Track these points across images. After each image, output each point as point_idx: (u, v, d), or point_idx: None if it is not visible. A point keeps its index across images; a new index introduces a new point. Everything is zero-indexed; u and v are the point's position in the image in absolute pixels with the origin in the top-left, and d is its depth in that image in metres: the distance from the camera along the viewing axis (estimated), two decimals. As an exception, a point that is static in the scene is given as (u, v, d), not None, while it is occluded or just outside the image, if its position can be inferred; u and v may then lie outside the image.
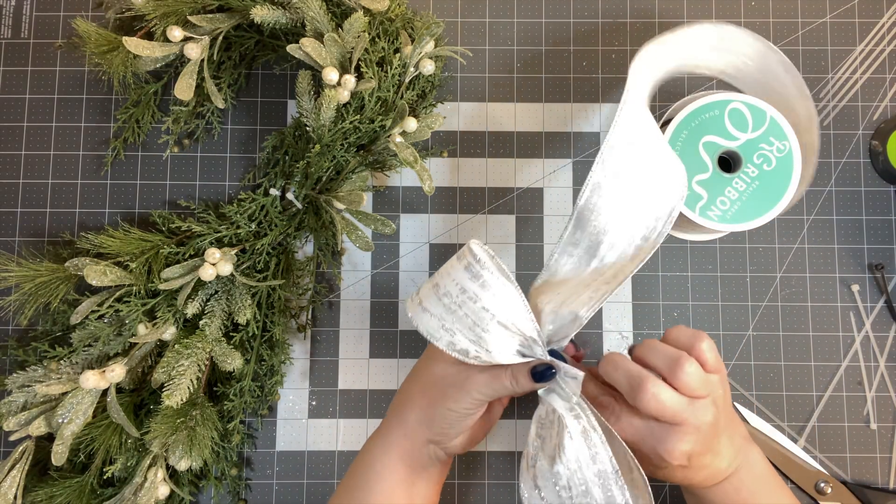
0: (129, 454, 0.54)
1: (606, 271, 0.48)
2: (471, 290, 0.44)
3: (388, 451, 0.48)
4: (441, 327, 0.45)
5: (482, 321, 0.44)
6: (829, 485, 0.58)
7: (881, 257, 0.62)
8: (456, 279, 0.45)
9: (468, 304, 0.44)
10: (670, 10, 0.65)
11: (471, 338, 0.44)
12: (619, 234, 0.49)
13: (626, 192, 0.49)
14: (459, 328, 0.45)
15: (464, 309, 0.44)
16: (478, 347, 0.44)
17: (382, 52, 0.56)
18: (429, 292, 0.46)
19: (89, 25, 0.56)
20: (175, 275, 0.55)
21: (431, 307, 0.46)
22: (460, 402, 0.46)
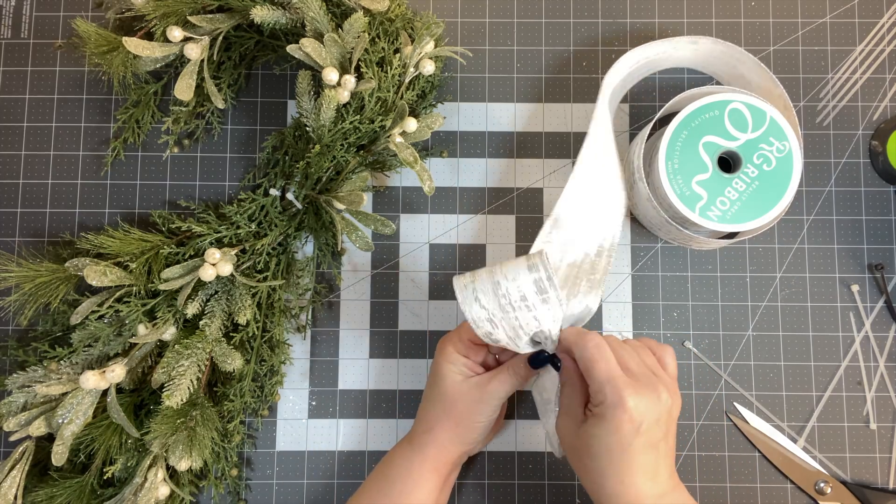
0: (129, 454, 0.54)
1: (581, 265, 0.56)
2: (531, 301, 0.48)
3: (423, 462, 0.51)
4: (488, 320, 0.48)
5: (528, 327, 0.48)
6: (828, 485, 0.59)
7: (881, 257, 0.62)
8: (521, 287, 0.48)
9: (523, 311, 0.48)
10: (670, 10, 0.65)
11: (510, 335, 0.49)
12: (584, 237, 0.57)
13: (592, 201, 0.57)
14: (505, 327, 0.48)
15: (517, 313, 0.48)
16: (509, 342, 0.49)
17: (382, 53, 0.56)
18: (487, 287, 0.49)
19: (89, 25, 0.56)
20: (175, 275, 0.55)
21: (486, 301, 0.49)
22: (485, 413, 0.51)
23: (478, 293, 0.49)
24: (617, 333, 0.61)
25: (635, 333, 0.61)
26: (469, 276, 0.50)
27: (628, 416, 0.43)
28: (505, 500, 0.60)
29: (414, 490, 0.51)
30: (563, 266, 0.55)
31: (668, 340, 0.61)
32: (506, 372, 0.50)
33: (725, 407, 0.60)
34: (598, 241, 0.57)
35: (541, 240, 0.55)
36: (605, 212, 0.58)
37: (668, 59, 0.62)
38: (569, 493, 0.60)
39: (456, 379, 0.51)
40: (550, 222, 0.56)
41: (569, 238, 0.56)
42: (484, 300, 0.48)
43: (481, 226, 0.63)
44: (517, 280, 0.48)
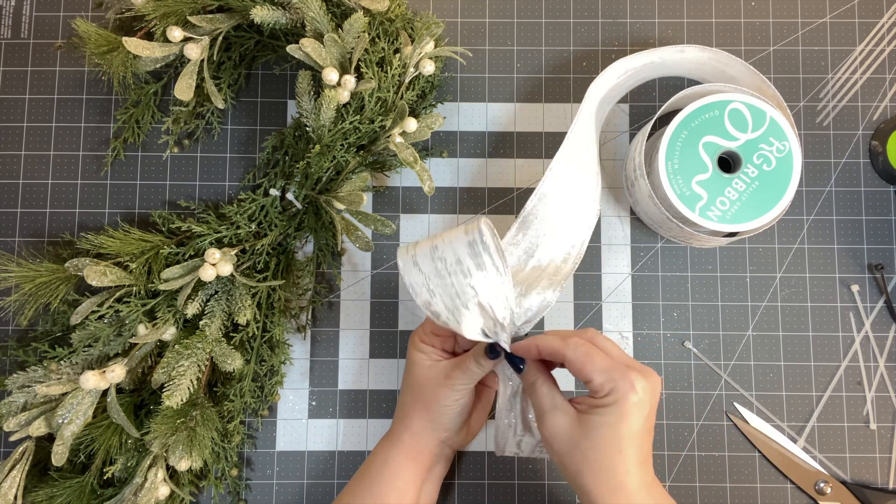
0: (129, 454, 0.54)
1: (546, 268, 0.55)
2: (466, 265, 0.48)
3: (400, 452, 0.52)
4: (425, 286, 0.49)
5: (464, 296, 0.48)
6: (828, 485, 0.59)
7: (881, 257, 0.62)
8: (456, 250, 0.48)
9: (458, 276, 0.48)
10: (670, 10, 0.65)
11: (448, 305, 0.48)
12: (552, 242, 0.56)
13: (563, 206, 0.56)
14: (441, 294, 0.48)
15: (452, 278, 0.48)
16: (450, 315, 0.48)
17: (382, 53, 0.56)
18: (425, 251, 0.49)
19: (89, 26, 0.56)
20: (175, 275, 0.55)
21: (423, 265, 0.49)
22: (450, 397, 0.51)
23: (417, 257, 0.49)
24: (617, 334, 0.61)
25: (635, 333, 0.61)
26: (412, 243, 0.51)
27: (638, 399, 0.44)
28: (505, 499, 0.60)
29: (392, 479, 0.51)
30: (527, 268, 0.55)
31: (668, 340, 0.61)
32: (468, 360, 0.51)
33: (725, 407, 0.60)
34: (565, 249, 0.56)
35: (506, 241, 0.55)
36: (575, 220, 0.57)
37: (655, 70, 0.61)
38: (569, 494, 0.60)
39: (424, 364, 0.53)
40: (517, 224, 0.55)
41: (535, 242, 0.55)
42: (422, 264, 0.49)
43: (481, 226, 0.63)
44: (453, 243, 0.49)
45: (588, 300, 0.62)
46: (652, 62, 0.60)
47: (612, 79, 0.59)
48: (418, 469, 0.52)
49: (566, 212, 0.56)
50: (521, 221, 0.55)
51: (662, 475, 0.60)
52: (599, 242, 0.62)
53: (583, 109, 0.58)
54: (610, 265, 0.62)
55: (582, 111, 0.58)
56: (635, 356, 0.61)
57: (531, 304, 0.53)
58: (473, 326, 0.48)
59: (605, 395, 0.45)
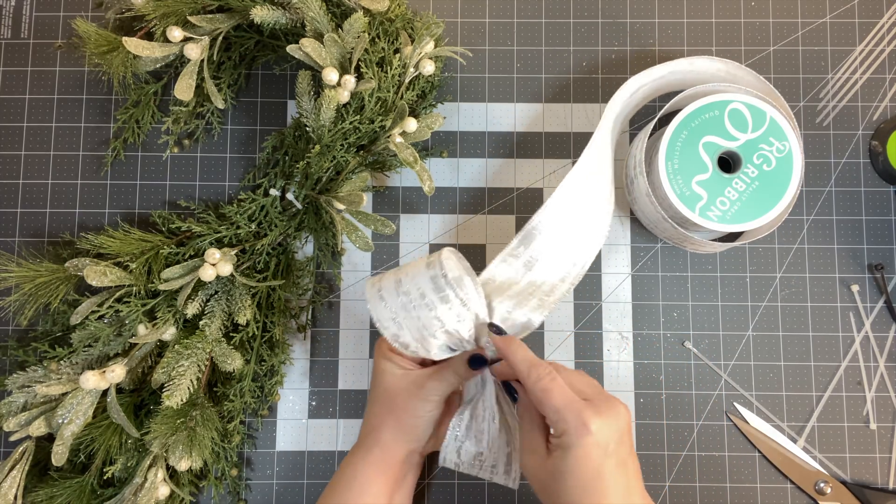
0: (129, 454, 0.54)
1: (542, 286, 0.54)
2: (429, 299, 0.48)
3: (368, 465, 0.51)
4: (392, 319, 0.49)
5: (430, 328, 0.49)
6: (828, 485, 0.59)
7: (881, 257, 0.62)
8: (419, 284, 0.49)
9: (423, 309, 0.48)
10: (670, 10, 0.65)
11: (416, 336, 0.49)
12: (554, 259, 0.55)
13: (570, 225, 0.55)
14: (408, 326, 0.49)
15: (418, 312, 0.48)
16: (418, 345, 0.49)
17: (382, 53, 0.56)
18: (390, 285, 0.50)
19: (89, 26, 0.56)
20: (175, 275, 0.55)
21: (389, 299, 0.49)
22: (424, 408, 0.50)
23: (382, 291, 0.50)
24: (617, 334, 0.61)
25: (635, 333, 0.61)
26: (378, 276, 0.51)
27: (594, 439, 0.42)
28: (505, 500, 0.60)
29: (361, 494, 0.50)
30: (523, 282, 0.53)
31: (668, 340, 0.61)
32: (446, 370, 0.50)
33: (725, 407, 0.60)
34: (565, 268, 0.55)
35: (507, 252, 0.54)
36: (581, 241, 0.56)
37: (667, 84, 0.60)
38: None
39: (395, 373, 0.51)
40: (521, 236, 0.54)
41: (535, 256, 0.54)
42: (388, 298, 0.49)
43: (481, 226, 0.63)
44: (416, 278, 0.49)
45: (588, 300, 0.62)
46: (663, 76, 0.59)
47: (626, 96, 0.58)
48: (388, 481, 0.51)
49: (573, 231, 0.55)
50: (524, 234, 0.54)
51: (662, 475, 0.60)
52: (599, 242, 0.62)
53: (599, 131, 0.56)
54: (610, 265, 0.62)
55: (599, 133, 0.56)
56: (635, 356, 0.61)
57: (516, 321, 0.52)
58: (441, 349, 0.49)
59: (560, 436, 0.43)
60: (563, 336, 0.61)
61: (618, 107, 0.58)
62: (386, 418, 0.51)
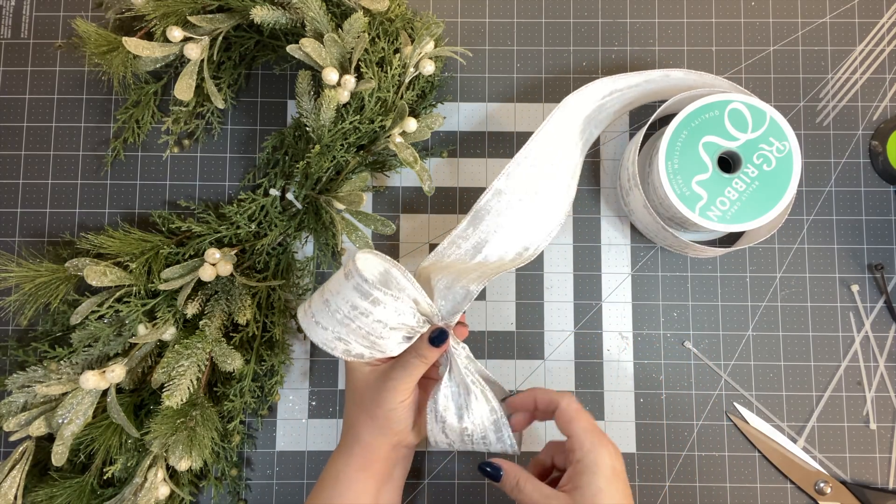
0: (129, 454, 0.54)
1: (489, 265, 0.54)
2: (362, 307, 0.48)
3: (349, 465, 0.51)
4: (336, 338, 0.49)
5: (376, 331, 0.49)
6: (828, 485, 0.59)
7: (881, 257, 0.62)
8: (346, 297, 0.49)
9: (360, 318, 0.48)
10: (670, 10, 0.65)
11: (365, 345, 0.49)
12: (502, 240, 0.55)
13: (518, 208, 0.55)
14: (354, 338, 0.49)
15: (357, 322, 0.48)
16: (373, 350, 0.50)
17: (382, 53, 0.56)
18: (321, 307, 0.50)
19: (89, 25, 0.56)
20: (175, 275, 0.55)
21: (324, 321, 0.49)
22: (395, 399, 0.50)
23: (316, 317, 0.50)
24: (617, 334, 0.61)
25: (635, 333, 0.61)
26: (306, 302, 0.51)
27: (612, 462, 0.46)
28: (505, 499, 0.60)
29: (344, 493, 0.50)
30: (471, 262, 0.54)
31: (668, 340, 0.61)
32: (408, 355, 0.50)
33: (725, 407, 0.60)
34: (517, 250, 0.55)
35: (455, 234, 0.55)
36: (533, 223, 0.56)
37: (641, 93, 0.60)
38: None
39: (363, 370, 0.52)
40: (469, 218, 0.55)
41: (484, 237, 0.55)
42: (323, 321, 0.49)
43: (481, 226, 0.63)
44: (341, 292, 0.49)
45: (588, 300, 0.62)
46: (637, 84, 0.59)
47: (596, 98, 0.58)
48: (371, 478, 0.51)
49: (523, 213, 0.55)
50: (472, 215, 0.55)
51: (662, 475, 0.60)
52: (599, 242, 0.62)
53: (553, 117, 0.57)
54: (610, 265, 0.62)
55: (552, 118, 0.57)
56: (635, 356, 0.61)
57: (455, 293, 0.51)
58: (396, 345, 0.50)
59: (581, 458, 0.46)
60: (564, 336, 0.61)
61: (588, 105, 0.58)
62: (360, 416, 0.52)
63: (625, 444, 0.60)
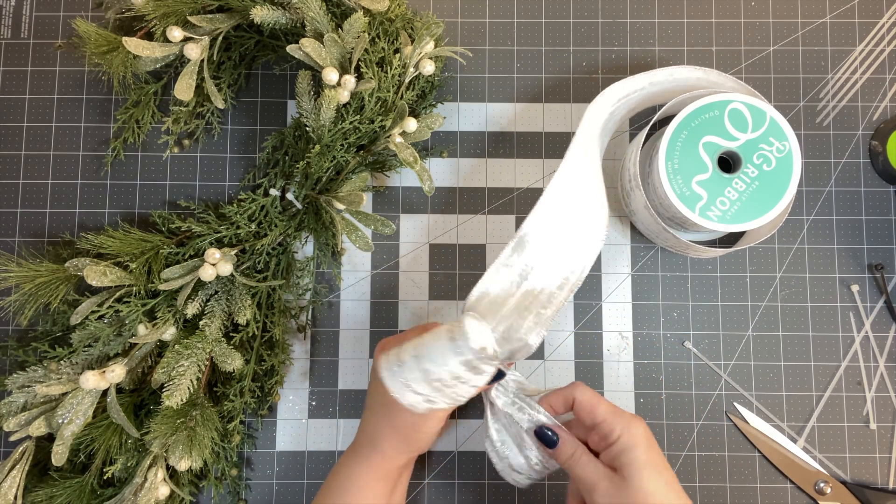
0: (129, 454, 0.54)
1: (539, 295, 0.52)
2: (465, 377, 0.48)
3: (367, 471, 0.51)
4: (425, 401, 0.48)
5: (467, 393, 0.48)
6: (828, 485, 0.59)
7: (881, 257, 0.62)
8: (451, 370, 0.48)
9: (459, 386, 0.48)
10: (670, 10, 0.65)
11: (449, 403, 0.49)
12: (549, 265, 0.53)
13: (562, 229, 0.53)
14: (443, 399, 0.48)
15: (453, 389, 0.48)
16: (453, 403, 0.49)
17: (382, 53, 0.56)
18: (417, 376, 0.48)
19: (89, 25, 0.56)
20: (175, 275, 0.55)
21: (419, 388, 0.48)
22: (433, 428, 0.51)
23: (409, 382, 0.48)
24: (617, 334, 0.61)
25: (635, 333, 0.61)
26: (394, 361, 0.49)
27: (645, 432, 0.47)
28: (505, 499, 0.60)
29: (359, 499, 0.50)
30: (519, 293, 0.51)
31: (668, 340, 0.61)
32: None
33: (725, 407, 0.60)
34: (563, 274, 0.53)
35: (500, 262, 0.52)
36: (576, 246, 0.53)
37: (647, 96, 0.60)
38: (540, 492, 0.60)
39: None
40: (513, 244, 0.52)
41: (530, 264, 0.52)
42: (417, 387, 0.48)
43: (481, 226, 0.63)
44: (447, 365, 0.47)
45: (588, 300, 0.62)
46: (643, 87, 0.59)
47: (608, 106, 0.57)
48: (386, 485, 0.51)
49: (566, 236, 0.53)
50: (516, 242, 0.52)
51: (662, 475, 0.60)
52: (599, 242, 0.62)
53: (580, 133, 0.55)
54: (610, 265, 0.62)
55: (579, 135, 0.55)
56: (635, 356, 0.61)
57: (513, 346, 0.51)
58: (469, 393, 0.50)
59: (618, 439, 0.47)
60: (564, 336, 0.61)
61: (603, 114, 0.57)
62: (388, 432, 0.51)
63: (625, 444, 0.60)
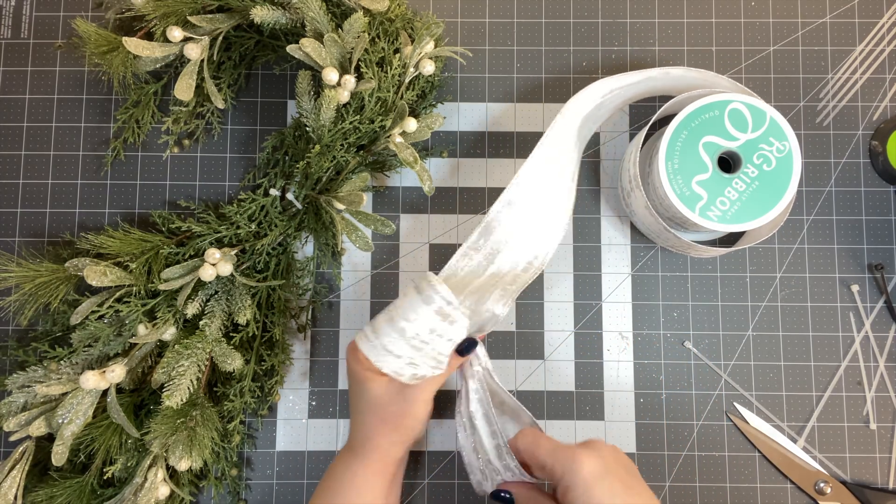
0: (129, 454, 0.54)
1: (504, 276, 0.55)
2: (440, 329, 0.49)
3: (366, 469, 0.51)
4: (408, 364, 0.50)
5: (445, 350, 0.50)
6: (828, 485, 0.59)
7: (881, 257, 0.62)
8: (426, 322, 0.49)
9: (437, 340, 0.49)
10: (670, 10, 0.65)
11: (432, 365, 0.50)
12: (514, 249, 0.55)
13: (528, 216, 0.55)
14: (425, 361, 0.50)
15: (432, 345, 0.49)
16: (435, 370, 0.50)
17: (382, 53, 0.56)
18: (394, 337, 0.50)
19: (89, 25, 0.56)
20: (175, 275, 0.55)
21: (398, 349, 0.50)
22: (421, 412, 0.52)
23: (387, 346, 0.50)
24: (617, 334, 0.61)
25: (635, 333, 0.61)
26: (369, 331, 0.51)
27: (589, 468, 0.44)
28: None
29: (359, 497, 0.50)
30: (485, 274, 0.55)
31: (668, 340, 0.61)
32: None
33: (725, 407, 0.60)
34: (528, 258, 0.56)
35: (467, 245, 0.55)
36: (541, 231, 0.56)
37: (640, 88, 0.60)
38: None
39: (381, 382, 0.51)
40: (481, 228, 0.55)
41: (496, 248, 0.55)
42: (397, 349, 0.49)
43: (481, 226, 0.63)
44: (419, 318, 0.49)
45: (588, 300, 0.62)
46: (637, 82, 0.59)
47: (596, 97, 0.58)
48: (385, 481, 0.52)
49: (532, 221, 0.56)
50: (483, 226, 0.55)
51: (662, 475, 0.60)
52: (599, 242, 0.62)
53: (556, 122, 0.57)
54: (610, 265, 0.62)
55: (556, 124, 0.57)
56: (635, 356, 0.61)
57: (482, 316, 0.53)
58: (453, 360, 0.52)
59: (561, 478, 0.45)
60: (563, 336, 0.61)
61: (584, 108, 0.58)
62: (378, 426, 0.51)
63: (625, 444, 0.60)
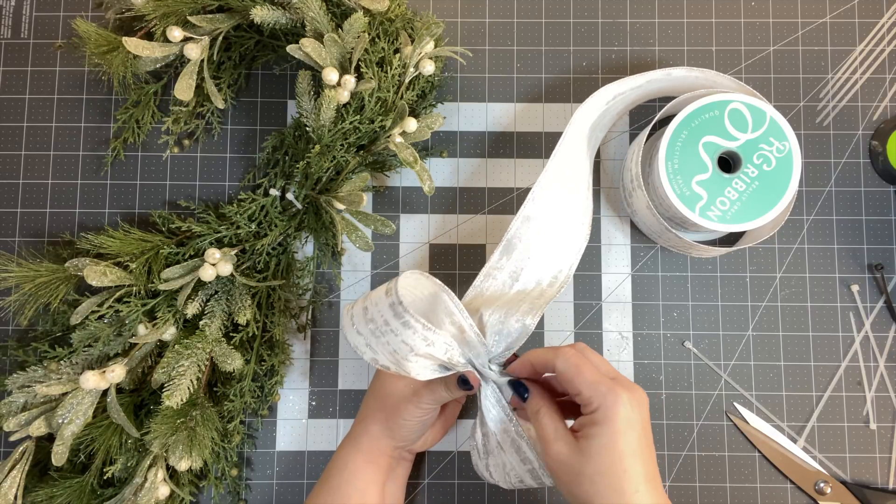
0: (129, 454, 0.54)
1: (531, 292, 0.54)
2: (393, 325, 0.48)
3: (357, 454, 0.53)
4: (366, 345, 0.49)
5: (401, 352, 0.47)
6: (828, 485, 0.59)
7: (881, 257, 0.62)
8: (382, 312, 0.49)
9: (390, 335, 0.48)
10: (670, 10, 0.65)
11: (391, 360, 0.48)
12: (537, 265, 0.55)
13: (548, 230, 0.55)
14: (381, 351, 0.49)
15: (386, 338, 0.48)
16: (398, 368, 0.48)
17: (382, 53, 0.56)
18: (360, 313, 0.51)
19: (89, 25, 0.56)
20: (175, 275, 0.55)
21: (360, 327, 0.50)
22: (413, 413, 0.51)
23: (354, 318, 0.50)
24: (617, 334, 0.61)
25: (635, 333, 0.61)
26: (352, 303, 0.52)
27: (627, 414, 0.42)
28: (505, 499, 0.60)
29: (351, 480, 0.52)
30: (511, 292, 0.54)
31: (668, 340, 0.61)
32: (439, 383, 0.50)
33: (725, 407, 0.60)
34: (552, 273, 0.55)
35: (490, 266, 0.54)
36: (562, 244, 0.56)
37: (644, 92, 0.60)
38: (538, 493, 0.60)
39: (395, 377, 0.53)
40: (501, 248, 0.54)
41: (519, 265, 0.54)
42: (359, 327, 0.50)
43: (481, 226, 0.63)
44: (378, 305, 0.49)
45: (588, 300, 0.62)
46: (639, 85, 0.59)
47: (600, 105, 0.58)
48: (377, 470, 0.53)
49: (552, 236, 0.55)
50: (504, 245, 0.55)
51: (662, 475, 0.60)
52: (599, 242, 0.62)
53: (567, 133, 0.57)
54: (610, 265, 0.62)
55: (566, 136, 0.57)
56: (635, 356, 0.61)
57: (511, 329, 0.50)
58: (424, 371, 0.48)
59: (594, 411, 0.43)
60: (564, 336, 0.61)
61: (591, 116, 0.58)
62: (377, 413, 0.53)
63: (625, 444, 0.60)
